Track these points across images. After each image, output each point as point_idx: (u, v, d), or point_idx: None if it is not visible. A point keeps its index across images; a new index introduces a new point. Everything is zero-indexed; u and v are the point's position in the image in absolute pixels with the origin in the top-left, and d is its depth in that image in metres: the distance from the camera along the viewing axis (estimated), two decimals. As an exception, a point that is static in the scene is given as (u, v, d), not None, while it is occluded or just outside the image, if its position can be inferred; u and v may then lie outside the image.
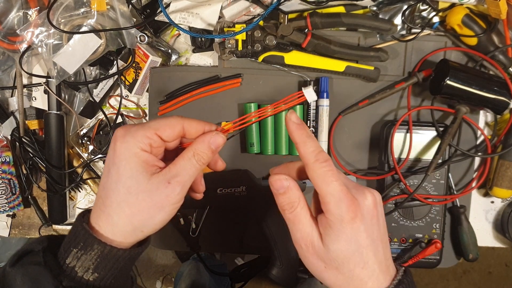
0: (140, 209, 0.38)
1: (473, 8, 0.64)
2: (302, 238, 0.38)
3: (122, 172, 0.37)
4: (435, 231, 0.66)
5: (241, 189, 0.65)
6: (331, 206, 0.36)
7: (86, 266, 0.38)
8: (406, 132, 0.65)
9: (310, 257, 0.38)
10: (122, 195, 0.37)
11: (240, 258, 1.48)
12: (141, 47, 0.68)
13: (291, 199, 0.38)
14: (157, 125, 0.39)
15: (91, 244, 0.38)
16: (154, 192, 0.38)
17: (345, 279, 0.37)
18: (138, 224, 0.38)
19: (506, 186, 0.66)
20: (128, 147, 0.38)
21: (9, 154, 0.71)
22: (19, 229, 0.78)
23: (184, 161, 0.39)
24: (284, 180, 0.38)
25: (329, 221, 0.36)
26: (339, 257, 0.37)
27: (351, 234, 0.36)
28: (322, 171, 0.36)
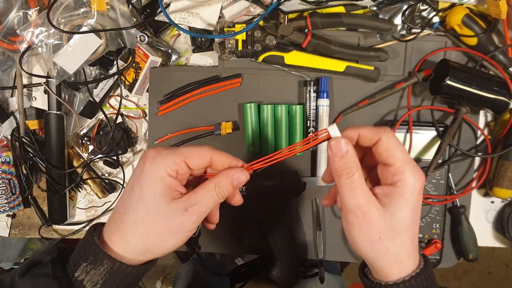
0: (154, 231, 0.38)
1: (473, 8, 0.64)
2: (359, 206, 0.37)
3: (145, 192, 0.38)
4: (435, 231, 0.66)
5: (241, 189, 0.65)
6: (406, 174, 0.37)
7: (94, 280, 0.38)
8: (406, 132, 0.65)
9: (365, 226, 0.38)
10: (141, 214, 0.38)
11: (240, 258, 1.48)
12: (141, 47, 0.68)
13: (349, 163, 0.38)
14: (188, 153, 0.40)
15: (101, 259, 0.38)
16: (171, 217, 0.38)
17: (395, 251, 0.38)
18: (150, 245, 0.39)
19: (506, 186, 0.66)
20: (156, 169, 0.38)
21: (9, 154, 0.71)
22: (19, 229, 0.77)
23: (204, 191, 0.40)
24: (344, 144, 0.38)
25: (399, 190, 0.37)
26: (400, 225, 0.38)
27: (417, 203, 0.38)
28: (395, 140, 0.38)
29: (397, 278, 0.39)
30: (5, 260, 1.12)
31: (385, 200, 0.38)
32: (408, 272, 0.39)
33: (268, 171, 0.70)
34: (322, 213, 0.70)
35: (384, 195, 0.38)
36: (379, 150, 0.38)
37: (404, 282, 0.39)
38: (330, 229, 0.70)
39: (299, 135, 0.67)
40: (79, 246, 0.40)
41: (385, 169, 0.39)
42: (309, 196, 0.70)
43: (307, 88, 0.67)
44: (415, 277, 0.39)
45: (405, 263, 0.39)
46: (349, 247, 0.71)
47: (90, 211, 0.76)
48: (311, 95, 0.67)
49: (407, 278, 0.39)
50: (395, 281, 0.39)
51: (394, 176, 0.38)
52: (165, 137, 0.70)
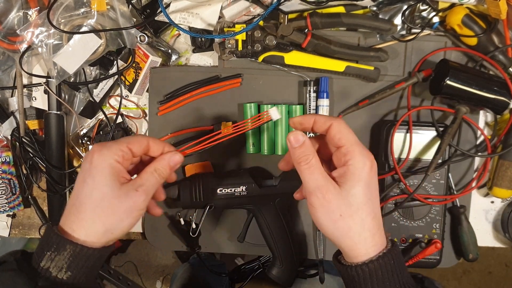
0: (112, 212, 0.43)
1: (473, 8, 0.64)
2: (319, 187, 0.41)
3: (98, 181, 0.43)
4: (435, 231, 0.66)
5: (241, 189, 0.65)
6: (356, 153, 0.42)
7: (59, 265, 0.42)
8: (406, 132, 0.65)
9: (327, 205, 0.41)
10: (97, 201, 0.42)
11: (240, 258, 1.48)
12: (141, 47, 0.68)
13: (306, 152, 0.43)
14: (129, 140, 0.45)
15: (63, 245, 0.42)
16: (125, 198, 0.43)
17: (357, 229, 0.41)
18: (110, 226, 0.43)
19: (506, 186, 0.66)
20: (104, 158, 0.43)
21: (9, 154, 0.71)
22: (19, 229, 0.78)
23: (147, 175, 0.45)
24: (300, 135, 0.43)
25: (351, 168, 0.41)
26: (356, 201, 0.41)
27: (369, 180, 0.42)
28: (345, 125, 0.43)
29: (365, 259, 0.41)
30: (5, 260, 1.12)
31: (341, 179, 0.42)
32: (375, 252, 0.42)
33: (268, 171, 0.70)
34: (322, 213, 0.70)
35: (339, 176, 0.42)
36: (332, 134, 0.43)
37: (372, 261, 0.41)
38: (330, 229, 0.70)
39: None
40: (40, 242, 0.44)
41: (337, 152, 0.43)
42: (309, 196, 0.70)
43: (307, 88, 0.67)
44: (382, 256, 0.41)
45: (370, 241, 0.42)
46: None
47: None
48: (311, 95, 0.67)
49: (374, 258, 0.41)
50: (363, 261, 0.41)
51: (345, 156, 0.42)
52: (165, 137, 0.70)
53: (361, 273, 0.41)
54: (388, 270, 0.41)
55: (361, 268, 0.41)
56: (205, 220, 0.69)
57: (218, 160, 0.70)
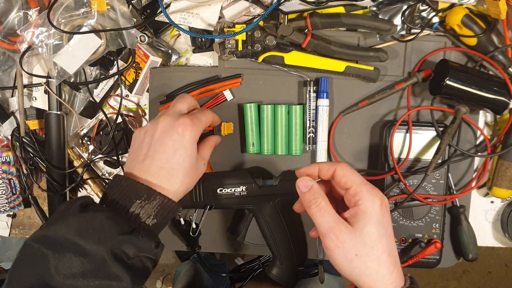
0: (193, 178, 0.53)
1: (473, 8, 0.64)
2: (332, 229, 0.43)
3: (189, 153, 0.51)
4: (435, 231, 0.66)
5: (241, 189, 0.65)
6: (364, 193, 0.43)
7: (148, 213, 0.47)
8: (405, 132, 0.65)
9: (341, 246, 0.42)
10: (188, 169, 0.51)
11: (240, 258, 1.49)
12: (141, 47, 0.68)
13: (315, 195, 0.45)
14: (207, 120, 0.56)
15: (154, 196, 0.48)
16: (198, 169, 0.54)
17: (374, 267, 0.42)
18: (187, 188, 0.53)
19: (505, 186, 0.66)
20: (194, 136, 0.52)
21: (10, 154, 0.71)
22: (19, 229, 0.78)
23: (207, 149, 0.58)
24: (309, 181, 0.46)
25: (361, 207, 0.43)
26: (371, 239, 0.42)
27: (381, 217, 0.43)
28: (349, 167, 0.45)
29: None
30: (6, 260, 1.12)
31: (353, 220, 0.43)
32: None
33: (268, 171, 0.70)
34: (322, 213, 0.70)
35: (351, 216, 0.44)
36: (338, 178, 0.45)
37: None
38: (330, 229, 0.70)
39: (299, 135, 0.67)
40: (122, 191, 0.48)
41: (347, 193, 0.45)
42: (309, 196, 0.70)
43: (307, 88, 0.67)
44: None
45: (388, 279, 0.42)
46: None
47: (90, 211, 0.76)
48: (311, 95, 0.67)
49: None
50: None
51: (354, 197, 0.44)
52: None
53: None
54: None
55: None
56: (205, 220, 0.69)
57: (218, 160, 0.70)
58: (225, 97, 0.68)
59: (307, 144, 0.68)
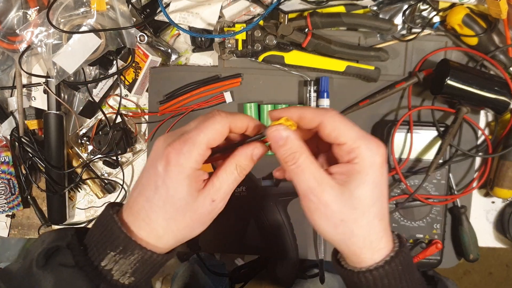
0: (185, 225, 0.38)
1: (474, 8, 0.63)
2: (311, 189, 0.35)
3: (172, 193, 0.37)
4: (436, 232, 0.66)
5: (241, 189, 0.65)
6: (362, 150, 0.35)
7: (123, 270, 0.37)
8: (406, 132, 0.65)
9: (323, 209, 0.35)
10: (170, 214, 0.37)
11: (240, 258, 1.48)
12: (140, 47, 0.68)
13: (292, 149, 0.36)
14: (208, 138, 0.37)
15: (131, 249, 0.37)
16: (200, 210, 0.38)
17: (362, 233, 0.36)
18: (181, 237, 0.39)
19: (507, 186, 0.66)
20: (182, 171, 0.37)
21: (9, 154, 0.71)
22: (18, 229, 0.77)
23: (226, 175, 0.39)
24: (282, 130, 0.37)
25: (357, 166, 0.35)
26: (362, 204, 0.35)
27: (379, 178, 0.35)
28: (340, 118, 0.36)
29: (370, 264, 0.36)
30: (5, 260, 1.12)
31: (343, 178, 0.36)
32: (381, 256, 0.37)
33: (268, 171, 0.70)
34: (322, 213, 0.70)
35: (341, 173, 0.36)
36: (326, 132, 0.36)
37: (377, 268, 0.36)
38: (330, 230, 0.70)
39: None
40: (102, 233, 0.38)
41: (338, 148, 0.37)
42: (309, 196, 0.70)
43: (307, 88, 0.67)
44: (389, 261, 0.36)
45: (376, 245, 0.37)
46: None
47: (89, 211, 0.76)
48: (311, 95, 0.67)
49: (380, 264, 0.36)
50: (367, 267, 0.36)
51: (349, 154, 0.36)
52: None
53: (364, 280, 0.36)
54: (396, 277, 0.36)
55: (364, 276, 0.36)
56: (205, 220, 0.69)
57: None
58: (224, 98, 0.68)
59: (308, 144, 0.68)
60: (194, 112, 0.69)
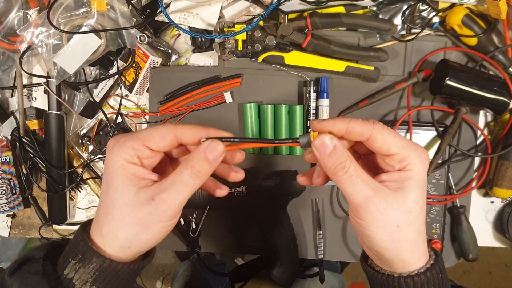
0: (124, 223, 0.36)
1: (473, 8, 0.64)
2: (368, 197, 0.35)
3: (109, 184, 0.36)
4: (435, 231, 0.66)
5: (241, 189, 0.65)
6: (413, 158, 0.36)
7: (84, 278, 0.36)
8: (406, 132, 0.65)
9: (381, 217, 0.35)
10: (109, 208, 0.36)
11: (240, 258, 1.48)
12: (141, 47, 0.68)
13: (341, 158, 0.36)
14: (146, 136, 0.36)
15: (89, 257, 0.36)
16: (138, 208, 0.35)
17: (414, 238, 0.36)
18: (123, 239, 0.36)
19: (506, 186, 0.66)
20: (114, 159, 0.36)
21: (9, 154, 0.71)
22: (19, 229, 0.78)
23: (175, 176, 0.36)
24: (329, 140, 0.36)
25: (410, 173, 0.36)
26: (416, 207, 0.36)
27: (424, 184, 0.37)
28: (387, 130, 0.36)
29: (412, 270, 0.37)
30: (5, 260, 1.12)
31: (395, 184, 0.36)
32: (423, 263, 0.37)
33: (268, 171, 0.70)
34: (322, 213, 0.70)
35: (393, 180, 0.36)
36: (377, 145, 0.36)
37: (419, 274, 0.36)
38: (330, 229, 0.70)
39: (299, 135, 0.67)
40: (70, 242, 0.38)
41: (387, 158, 0.37)
42: (309, 196, 0.70)
43: (307, 88, 0.67)
44: (430, 268, 0.37)
45: (422, 249, 0.37)
46: (349, 247, 0.70)
47: (90, 211, 0.76)
48: (311, 95, 0.67)
49: (422, 270, 0.36)
50: (409, 272, 0.36)
51: (401, 163, 0.36)
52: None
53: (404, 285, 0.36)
54: (435, 284, 0.37)
55: (406, 281, 0.36)
56: (205, 220, 0.69)
57: (218, 160, 0.70)
58: (224, 98, 0.69)
59: (307, 144, 0.68)
60: (194, 112, 0.69)
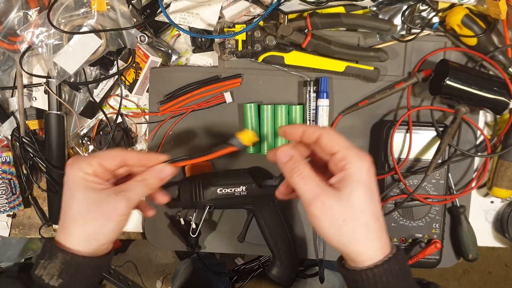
0: (91, 217, 0.44)
1: (473, 8, 0.64)
2: (317, 195, 0.40)
3: (73, 191, 0.44)
4: (435, 231, 0.66)
5: (241, 189, 0.65)
6: (352, 157, 0.41)
7: (51, 273, 0.43)
8: (405, 132, 0.65)
9: (328, 212, 0.40)
10: (75, 209, 0.44)
11: (240, 258, 1.48)
12: (141, 47, 0.68)
13: (296, 163, 0.43)
14: (100, 156, 0.46)
15: (55, 253, 0.43)
16: (103, 202, 0.44)
17: (362, 232, 0.40)
18: (91, 231, 0.44)
19: (505, 186, 0.66)
20: (75, 172, 0.44)
21: (10, 154, 0.71)
22: (19, 229, 0.78)
23: (133, 182, 0.46)
24: (289, 150, 0.44)
25: (349, 171, 0.41)
26: (359, 204, 0.40)
27: (369, 181, 0.41)
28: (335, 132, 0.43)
29: (371, 263, 0.40)
30: (6, 260, 1.12)
31: (340, 184, 0.41)
32: (381, 256, 0.40)
33: (268, 171, 0.70)
34: (322, 213, 0.70)
35: (338, 181, 0.41)
36: (324, 142, 0.43)
37: (377, 266, 0.40)
38: (330, 229, 0.70)
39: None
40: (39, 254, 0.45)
41: (333, 158, 0.42)
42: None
43: (307, 88, 0.67)
44: (387, 261, 0.40)
45: (376, 244, 0.41)
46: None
47: (90, 211, 0.76)
48: (311, 95, 0.67)
49: (379, 263, 0.40)
50: (368, 265, 0.40)
51: (341, 161, 0.41)
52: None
53: (365, 277, 0.40)
54: (394, 275, 0.40)
55: (365, 273, 0.40)
56: (205, 220, 0.69)
57: (218, 160, 0.70)
58: (224, 98, 0.68)
59: (307, 144, 0.68)
60: (194, 112, 0.69)
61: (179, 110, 0.69)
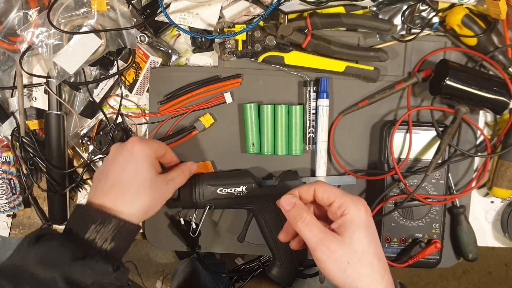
0: (152, 197, 0.51)
1: (473, 8, 0.64)
2: (321, 241, 0.43)
3: (141, 167, 0.50)
4: (435, 231, 0.66)
5: (241, 189, 0.65)
6: (348, 203, 0.44)
7: (105, 237, 0.46)
8: (405, 132, 0.65)
9: (333, 256, 0.43)
10: (141, 183, 0.50)
11: (240, 258, 1.49)
12: (141, 47, 0.68)
13: (299, 211, 0.46)
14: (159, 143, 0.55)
15: (109, 219, 0.47)
16: (159, 187, 0.52)
17: (367, 272, 0.43)
18: (148, 209, 0.51)
19: (505, 186, 0.66)
20: (145, 149, 0.51)
21: (10, 154, 0.71)
22: (19, 229, 0.78)
23: (176, 173, 0.58)
24: (291, 198, 0.48)
25: (348, 216, 0.44)
26: (361, 246, 0.43)
27: (367, 223, 0.44)
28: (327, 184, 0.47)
29: None
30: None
31: (341, 229, 0.44)
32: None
33: (268, 171, 0.70)
34: (322, 213, 0.70)
35: (338, 227, 0.44)
36: (320, 196, 0.46)
37: None
38: (330, 229, 0.70)
39: (298, 135, 0.67)
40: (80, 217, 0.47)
41: (331, 208, 0.46)
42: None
43: (307, 88, 0.67)
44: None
45: (380, 282, 0.43)
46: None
47: (90, 211, 0.76)
48: (311, 95, 0.67)
49: None
50: None
51: (339, 209, 0.45)
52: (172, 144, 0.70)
53: None
54: None
55: None
56: (205, 220, 0.69)
57: (218, 160, 0.70)
58: (224, 98, 0.68)
59: (307, 144, 0.68)
60: (194, 112, 0.69)
61: (179, 110, 0.69)
